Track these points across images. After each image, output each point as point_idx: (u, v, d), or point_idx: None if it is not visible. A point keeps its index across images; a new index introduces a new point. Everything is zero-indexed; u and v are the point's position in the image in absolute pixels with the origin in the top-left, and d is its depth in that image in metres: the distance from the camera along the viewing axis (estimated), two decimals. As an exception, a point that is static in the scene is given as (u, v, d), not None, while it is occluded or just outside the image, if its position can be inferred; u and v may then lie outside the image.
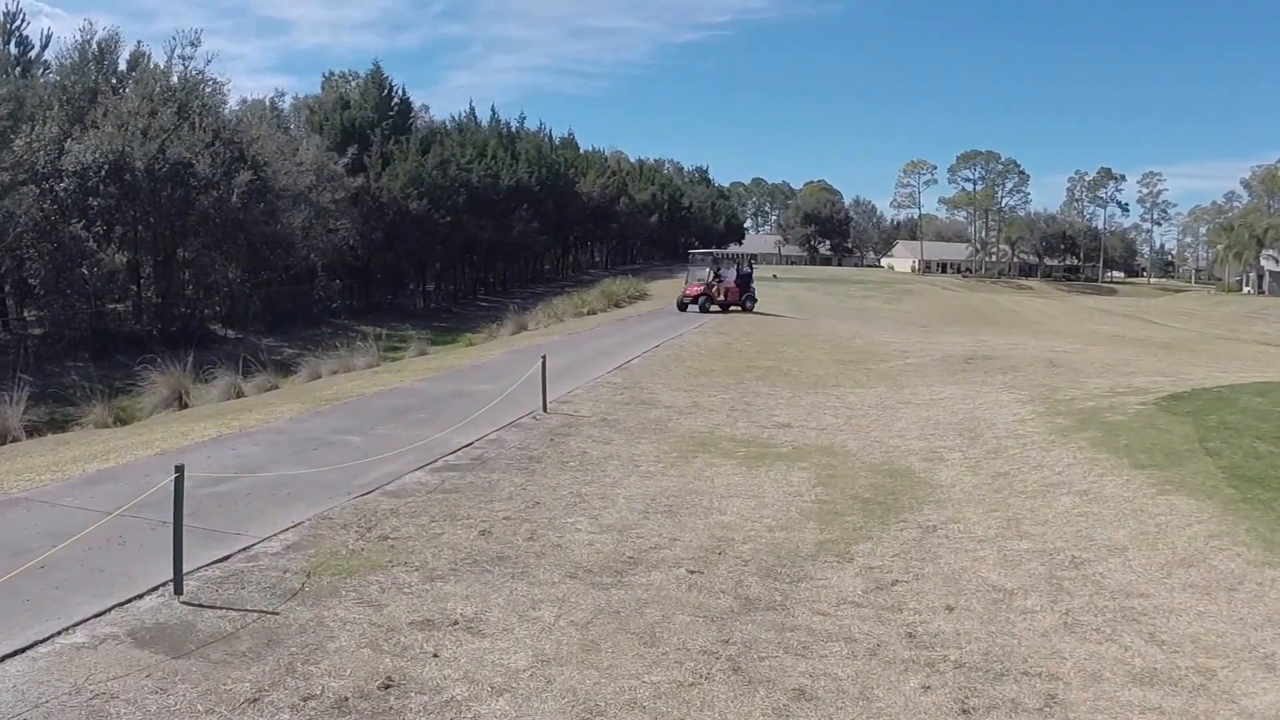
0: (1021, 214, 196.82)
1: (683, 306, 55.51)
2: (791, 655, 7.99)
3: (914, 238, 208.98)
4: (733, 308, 56.20)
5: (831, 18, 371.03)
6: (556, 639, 8.23)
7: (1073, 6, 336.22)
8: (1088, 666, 7.88)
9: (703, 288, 56.28)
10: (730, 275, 58.41)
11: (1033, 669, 7.83)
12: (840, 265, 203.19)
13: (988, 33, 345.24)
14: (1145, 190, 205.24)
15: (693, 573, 9.93)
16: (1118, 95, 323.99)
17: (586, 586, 9.49)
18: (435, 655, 7.87)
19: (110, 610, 8.68)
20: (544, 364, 20.83)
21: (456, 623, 8.55)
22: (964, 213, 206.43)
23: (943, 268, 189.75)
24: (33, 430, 23.15)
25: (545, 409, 19.97)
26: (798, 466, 15.18)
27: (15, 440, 21.39)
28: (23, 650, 7.82)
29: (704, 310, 54.30)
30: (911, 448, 16.80)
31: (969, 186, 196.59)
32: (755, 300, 59.34)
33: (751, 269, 64.78)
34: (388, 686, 7.29)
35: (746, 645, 8.17)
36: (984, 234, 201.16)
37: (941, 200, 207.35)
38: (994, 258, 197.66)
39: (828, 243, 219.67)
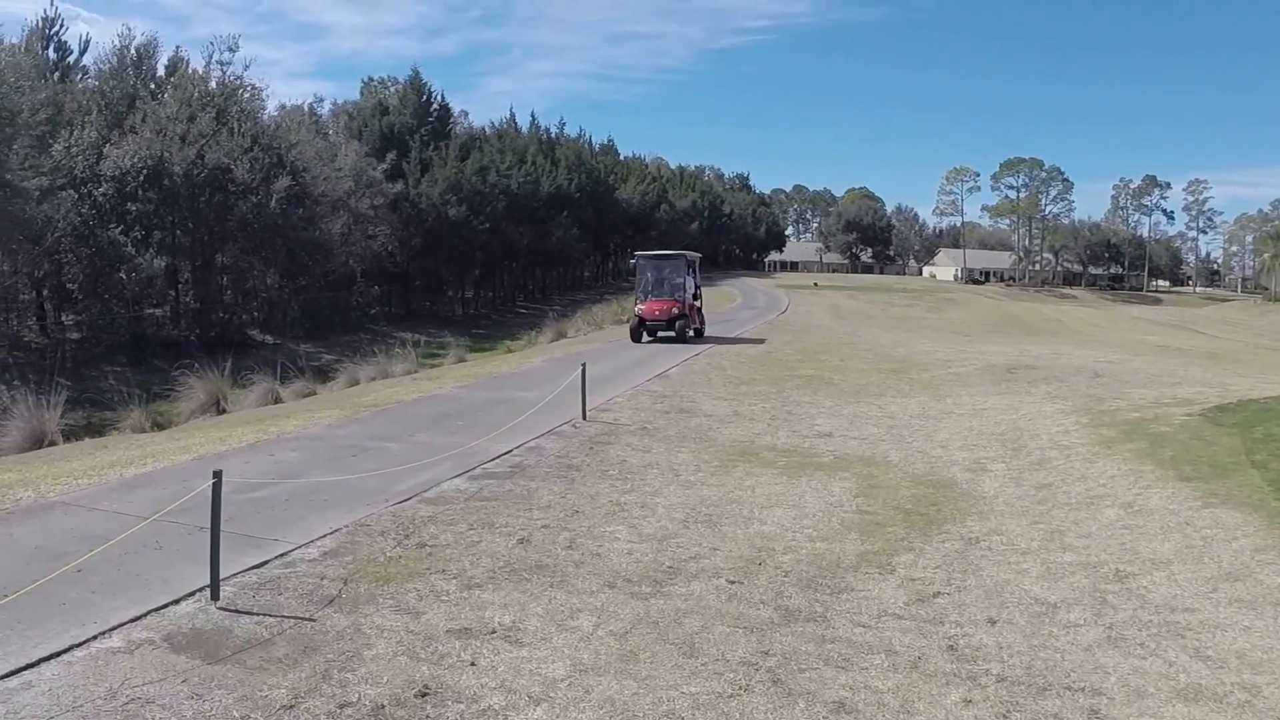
0: (1065, 222, 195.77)
1: (641, 335, 40.19)
2: (832, 667, 7.91)
3: (957, 246, 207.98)
4: (676, 332, 40.31)
5: (873, 22, 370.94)
6: (595, 648, 8.17)
7: (1117, 11, 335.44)
8: (1132, 682, 7.76)
9: (677, 305, 40.04)
10: (691, 286, 42.57)
11: (1076, 684, 7.72)
12: (882, 273, 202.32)
13: (1031, 37, 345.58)
14: (1191, 198, 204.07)
15: (733, 583, 9.85)
16: (1163, 100, 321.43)
17: (625, 596, 9.43)
18: (473, 664, 7.83)
19: (146, 615, 8.70)
20: (583, 372, 20.80)
21: (494, 631, 8.50)
22: (1007, 220, 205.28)
23: (985, 276, 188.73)
24: (70, 434, 23.22)
25: (585, 417, 19.94)
26: (839, 476, 15.09)
27: (52, 444, 21.47)
28: (59, 654, 7.84)
29: (681, 338, 39.60)
30: (954, 458, 16.69)
31: (1012, 194, 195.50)
32: (703, 322, 44.55)
33: (697, 275, 44.85)
34: (424, 694, 7.26)
35: (786, 657, 8.09)
36: (1027, 242, 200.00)
37: (984, 208, 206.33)
38: (1037, 266, 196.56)
39: (869, 250, 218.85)
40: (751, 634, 8.55)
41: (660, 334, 40.72)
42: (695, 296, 43.68)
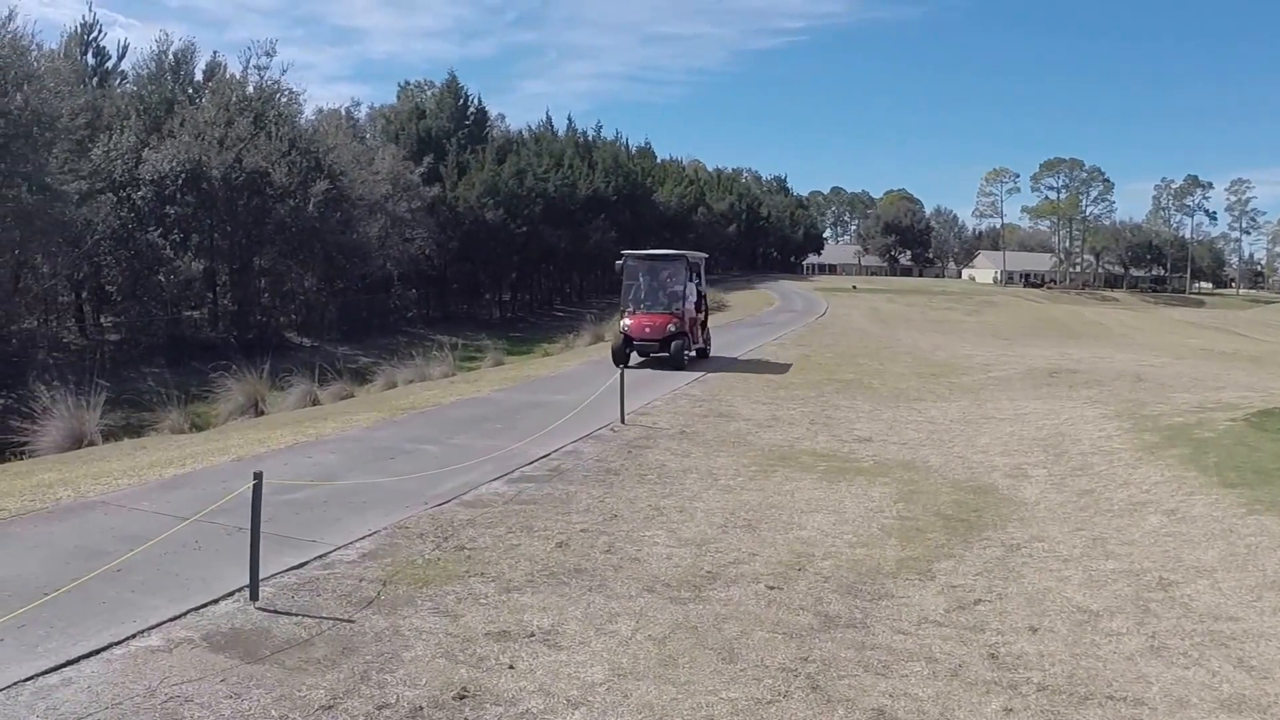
0: (1106, 223, 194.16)
1: (626, 356, 31.03)
2: (871, 674, 7.86)
3: (996, 248, 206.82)
4: (671, 355, 31.32)
5: (909, 21, 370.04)
6: (633, 653, 8.14)
7: (1157, 5, 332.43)
8: (1174, 691, 7.69)
9: (674, 320, 31.38)
10: (693, 294, 33.04)
11: (1118, 693, 7.65)
12: (921, 276, 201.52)
13: (1070, 33, 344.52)
14: (1233, 198, 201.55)
15: (772, 588, 9.81)
16: (1205, 98, 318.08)
17: (664, 601, 9.40)
18: (511, 667, 7.82)
19: (186, 614, 8.74)
20: (622, 375, 20.77)
21: (533, 634, 8.49)
22: (1047, 222, 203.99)
23: (1025, 278, 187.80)
24: (109, 434, 23.31)
25: (623, 421, 19.94)
26: (879, 482, 15.04)
27: (92, 444, 21.57)
28: (98, 651, 7.88)
29: (677, 364, 30.60)
30: (995, 464, 16.61)
31: (1052, 195, 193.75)
32: (710, 337, 35.77)
33: (702, 281, 35.46)
34: (463, 697, 7.25)
35: (826, 663, 8.04)
36: (1068, 244, 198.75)
37: (1024, 209, 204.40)
38: (1078, 268, 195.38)
39: (908, 253, 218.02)
40: (791, 640, 8.51)
41: (653, 355, 31.26)
42: (699, 307, 33.46)
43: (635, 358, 31.58)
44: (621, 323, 32.02)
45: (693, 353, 32.72)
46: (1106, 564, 10.92)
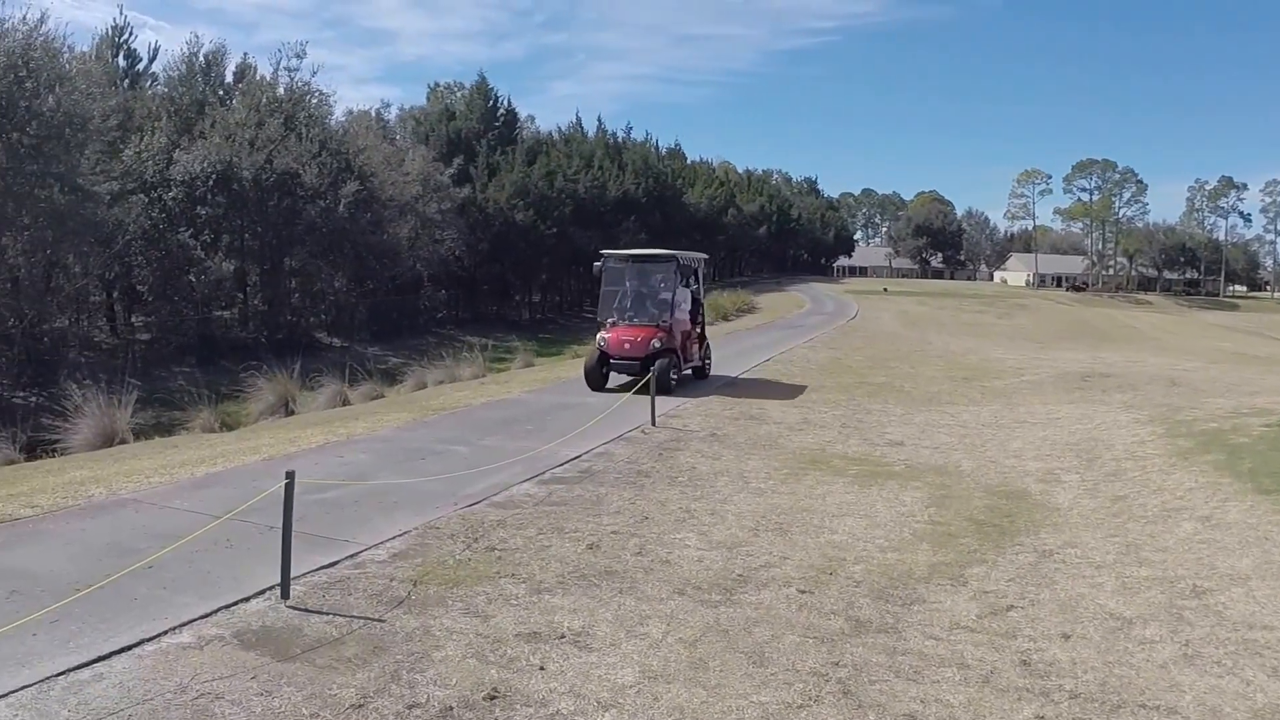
0: (1139, 225, 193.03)
1: (602, 378, 26.29)
2: (903, 680, 7.83)
3: (1028, 250, 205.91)
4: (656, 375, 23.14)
5: (941, 21, 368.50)
6: (664, 655, 8.13)
7: (1187, 6, 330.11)
8: (1208, 701, 7.62)
9: (659, 334, 26.02)
10: (685, 301, 27.85)
11: (1150, 701, 7.59)
12: (952, 278, 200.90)
13: (1103, 33, 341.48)
14: (1269, 199, 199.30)
15: (803, 592, 9.78)
16: (1239, 98, 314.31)
17: (695, 603, 9.38)
18: (542, 668, 7.82)
19: (217, 612, 8.78)
20: (653, 377, 20.76)
21: (564, 636, 8.49)
22: (1080, 224, 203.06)
23: (1058, 281, 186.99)
24: (140, 433, 23.43)
25: (654, 423, 19.92)
26: (911, 486, 14.99)
27: (123, 442, 21.67)
28: (130, 648, 7.92)
29: (662, 387, 23.19)
30: (1027, 468, 16.54)
31: (1085, 197, 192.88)
32: (710, 354, 30.48)
33: (700, 286, 30.31)
34: (493, 698, 7.25)
35: (857, 668, 8.01)
36: (1101, 246, 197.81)
37: (1056, 210, 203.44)
38: (1111, 271, 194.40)
39: (939, 255, 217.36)
40: (822, 644, 8.48)
41: (636, 377, 25.11)
42: (696, 319, 28.80)
43: (616, 378, 26.22)
44: (598, 337, 26.81)
45: (687, 371, 27.63)
46: (1140, 571, 10.84)
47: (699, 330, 29.12)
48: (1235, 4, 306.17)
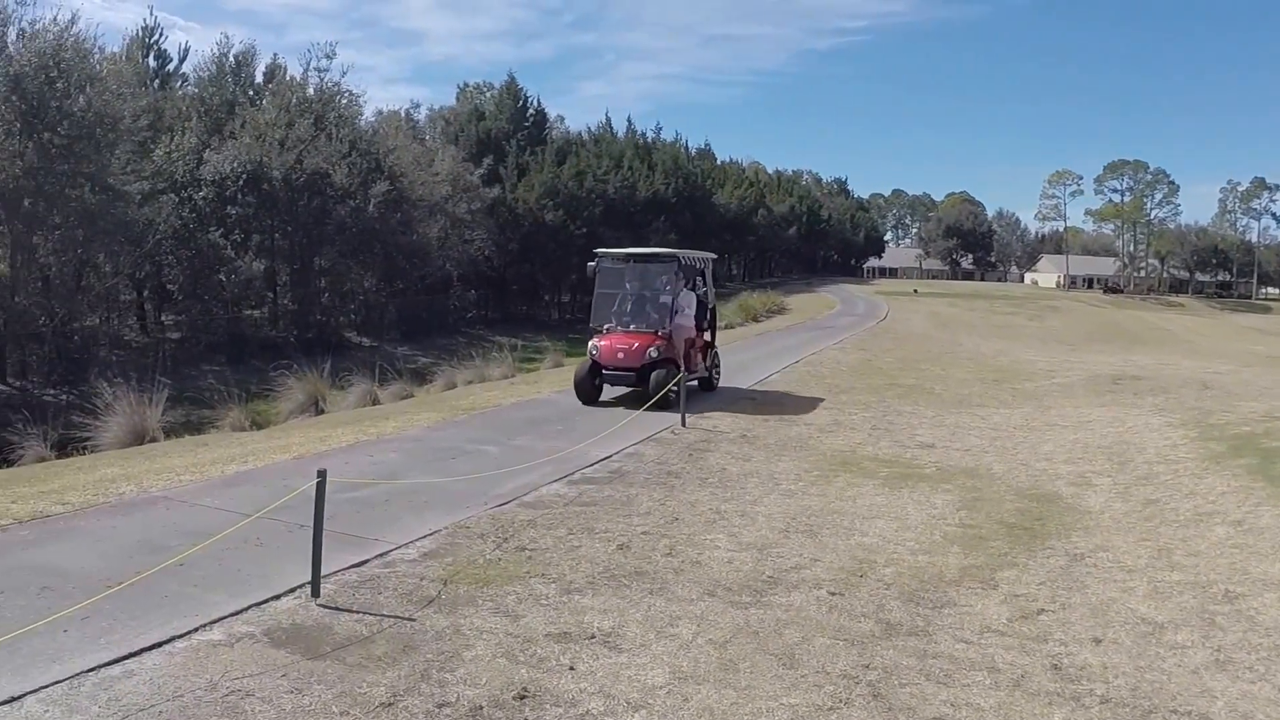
0: (1171, 226, 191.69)
1: (594, 390, 23.70)
2: (933, 683, 7.80)
3: (1059, 251, 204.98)
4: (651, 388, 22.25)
5: (972, 20, 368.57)
6: (694, 657, 8.12)
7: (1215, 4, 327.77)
8: (1240, 707, 7.57)
9: (657, 342, 23.11)
10: (690, 304, 25.07)
11: (1182, 707, 7.54)
12: (983, 280, 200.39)
13: (1135, 32, 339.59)
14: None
15: (833, 594, 9.76)
16: (1272, 96, 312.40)
17: (725, 605, 9.37)
18: (571, 668, 7.82)
19: (247, 610, 8.81)
20: (682, 378, 20.75)
21: (593, 636, 8.49)
22: (1111, 226, 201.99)
23: (1089, 283, 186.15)
24: (170, 431, 23.49)
25: (684, 424, 19.92)
26: (941, 488, 14.95)
27: (153, 440, 21.74)
28: (160, 645, 7.95)
29: (657, 400, 21.47)
30: (1058, 471, 16.46)
31: (1116, 198, 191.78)
32: (719, 363, 27.32)
33: (703, 290, 26.38)
34: (523, 697, 7.26)
35: (887, 671, 7.99)
36: (1132, 248, 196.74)
37: (1088, 212, 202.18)
38: (1143, 273, 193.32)
39: (970, 256, 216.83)
40: (852, 646, 8.46)
41: (631, 387, 23.35)
42: (704, 326, 25.77)
43: (611, 390, 24.24)
44: (591, 345, 23.71)
45: (693, 382, 24.14)
46: (1172, 575, 10.78)
47: (706, 337, 26.03)
48: (1268, 3, 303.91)
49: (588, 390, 23.45)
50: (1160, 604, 9.83)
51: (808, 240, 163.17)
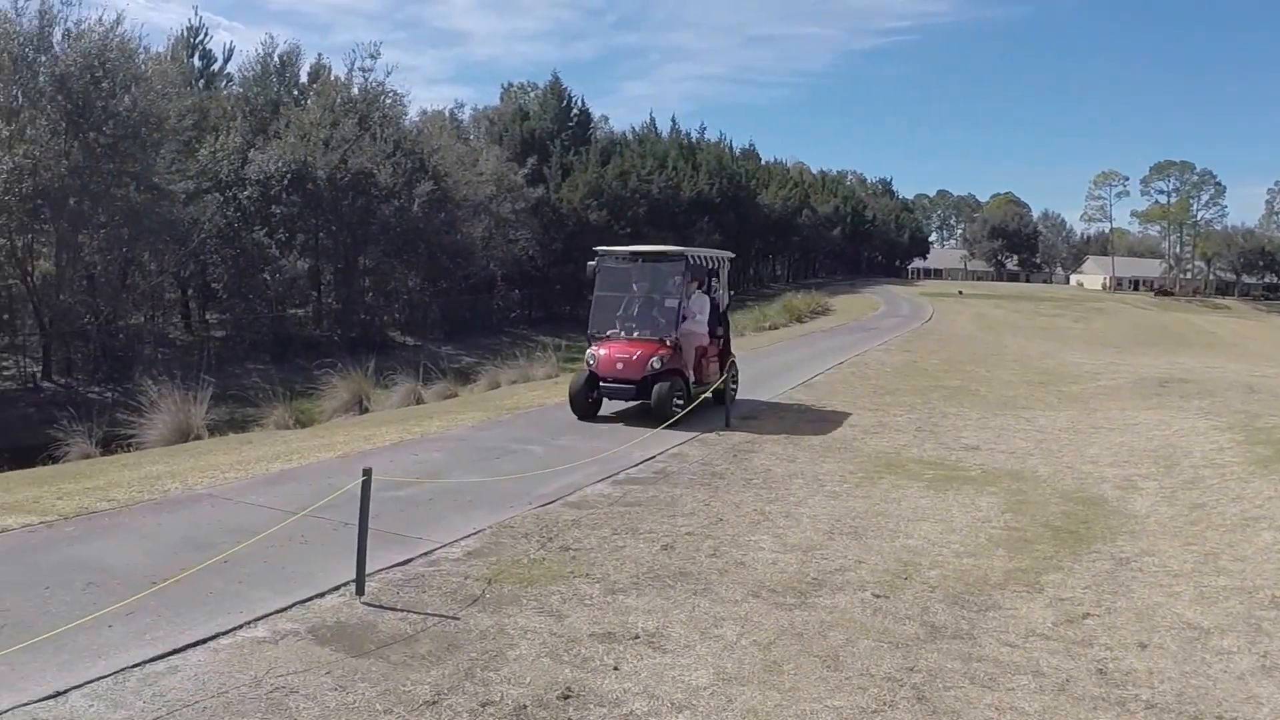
0: (1218, 228, 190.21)
1: (591, 404, 21.30)
2: (978, 686, 7.77)
3: (1104, 253, 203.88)
4: (655, 403, 20.33)
5: (1016, 20, 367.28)
6: (738, 658, 8.12)
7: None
8: (1287, 713, 7.53)
9: (661, 351, 20.55)
10: (703, 308, 22.39)
11: (1228, 713, 7.48)
12: (1028, 281, 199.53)
13: (1180, 30, 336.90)
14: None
15: (878, 597, 9.74)
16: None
17: (770, 606, 9.36)
18: (615, 668, 7.84)
19: (292, 607, 8.89)
20: (726, 379, 20.72)
21: (638, 637, 8.51)
22: (1157, 227, 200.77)
23: (1134, 285, 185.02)
24: (214, 429, 23.66)
25: (728, 424, 19.91)
26: (986, 491, 14.88)
27: (198, 438, 21.86)
28: (205, 641, 8.03)
29: (661, 415, 19.79)
30: (1104, 475, 16.34)
31: (1162, 199, 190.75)
32: (737, 373, 24.11)
33: (717, 292, 23.50)
34: (567, 697, 7.28)
35: (932, 674, 7.96)
36: (1178, 249, 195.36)
37: (1133, 213, 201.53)
38: (1189, 274, 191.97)
39: (1015, 258, 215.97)
40: (897, 649, 8.44)
41: (630, 401, 21.25)
42: (715, 331, 22.84)
43: (611, 404, 21.80)
44: (588, 354, 21.33)
45: (707, 394, 21.46)
46: (1218, 580, 10.70)
47: (721, 347, 23.12)
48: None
49: (583, 404, 21.06)
50: (1206, 609, 9.76)
51: (852, 241, 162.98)
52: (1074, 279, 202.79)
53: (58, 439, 22.29)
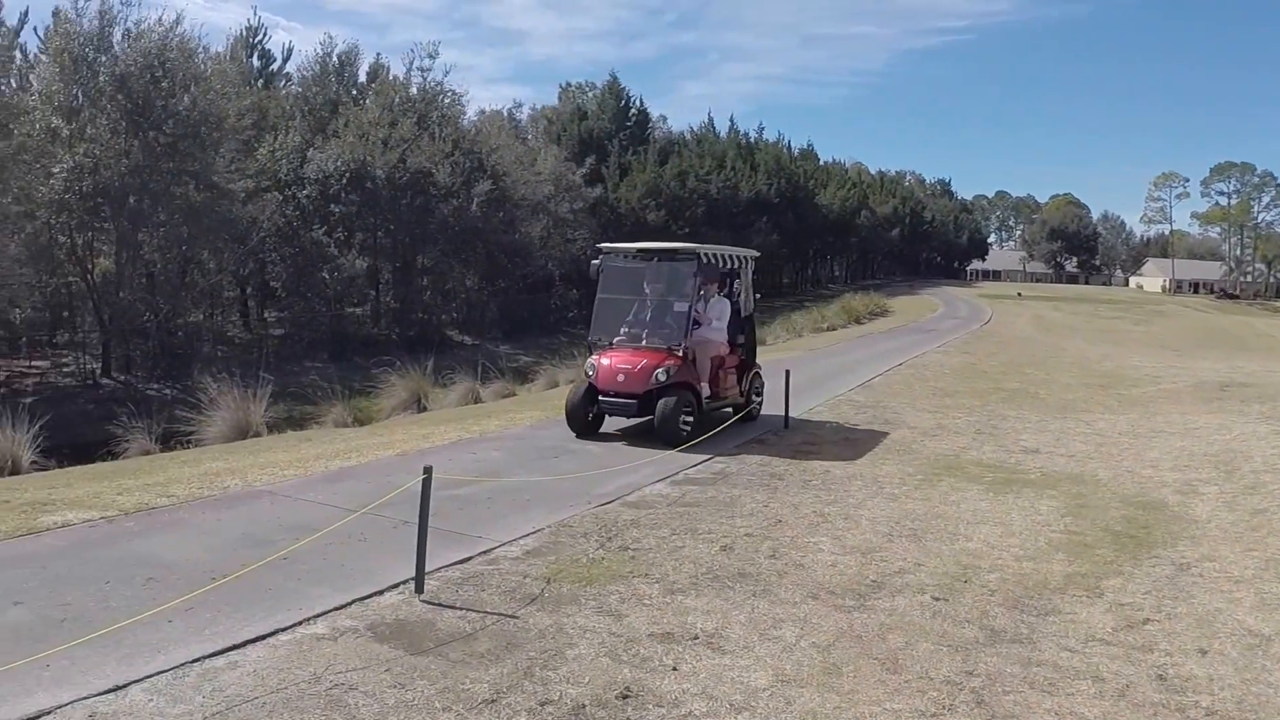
0: (1279, 230, 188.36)
1: (588, 420, 18.83)
2: (1037, 691, 7.73)
3: (1164, 255, 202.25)
4: (658, 421, 17.78)
5: (1075, 19, 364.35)
6: (797, 659, 8.12)
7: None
8: (1351, 722, 7.46)
9: (667, 361, 18.02)
10: (722, 313, 20.07)
11: (1290, 721, 7.44)
12: (1087, 283, 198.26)
13: (1241, 29, 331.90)
14: None
15: (937, 600, 9.71)
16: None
17: (829, 608, 9.35)
18: (674, 669, 7.85)
19: (351, 604, 8.95)
20: (787, 379, 20.66)
21: (696, 637, 8.52)
22: (1217, 229, 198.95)
23: (1194, 287, 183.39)
24: (273, 426, 23.78)
25: (787, 425, 19.90)
26: (1046, 494, 14.78)
27: (257, 435, 22.01)
28: (264, 637, 8.10)
29: (669, 437, 17.47)
30: (1165, 479, 16.21)
31: (1223, 200, 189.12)
32: (761, 386, 21.55)
33: (741, 301, 21.09)
34: (625, 697, 7.29)
35: (991, 678, 7.93)
36: (1239, 252, 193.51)
37: (1193, 215, 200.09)
38: (1249, 277, 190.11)
39: (1074, 260, 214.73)
40: (956, 653, 8.41)
41: (632, 418, 18.77)
42: (735, 339, 20.58)
43: (614, 421, 19.50)
44: (587, 363, 19.17)
45: (726, 409, 20.43)
46: (1279, 586, 10.63)
47: (741, 357, 20.80)
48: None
49: (581, 420, 18.74)
50: (1267, 615, 9.67)
51: (910, 242, 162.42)
52: (1133, 281, 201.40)
53: (117, 435, 22.50)
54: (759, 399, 21.27)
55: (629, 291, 19.65)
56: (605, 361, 18.38)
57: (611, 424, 19.08)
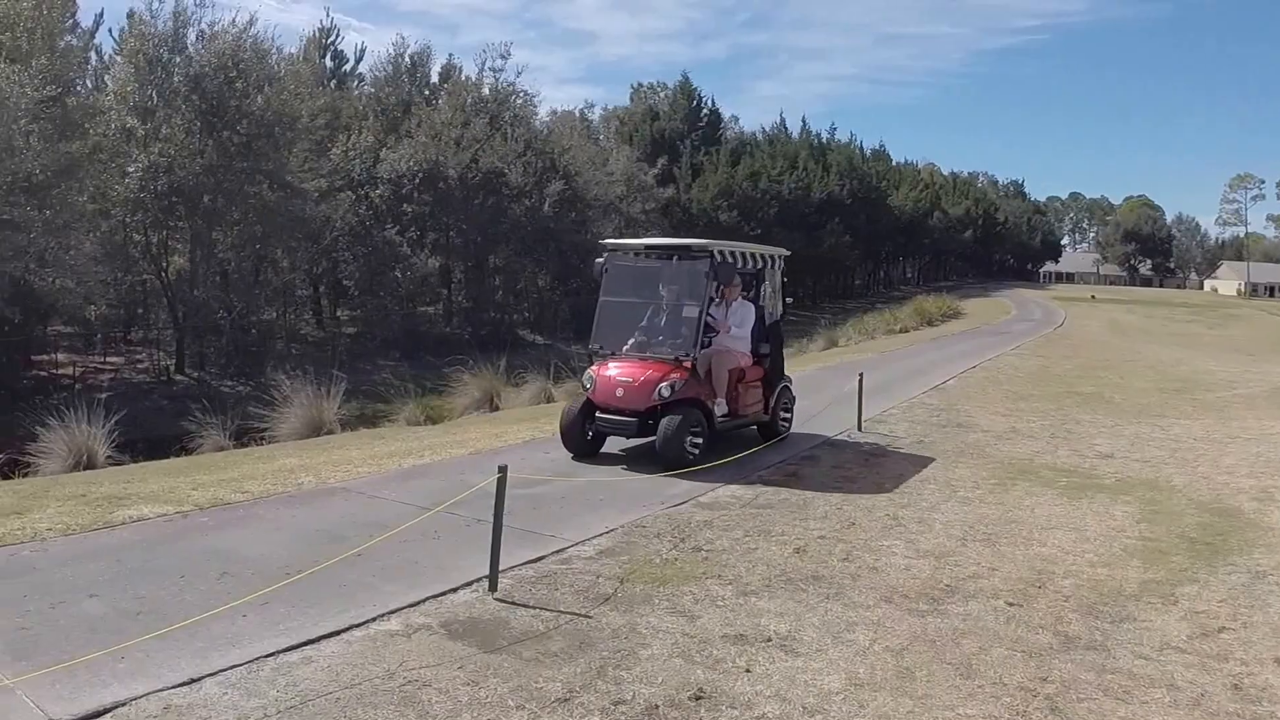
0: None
1: (588, 439, 16.38)
2: (1111, 699, 7.68)
3: (1240, 258, 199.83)
4: (661, 442, 15.33)
5: (1150, 19, 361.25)
6: (870, 663, 8.11)
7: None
8: None
9: (674, 374, 15.67)
10: (745, 319, 17.82)
11: (1368, 732, 7.36)
12: (1161, 286, 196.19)
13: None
14: None
15: (1011, 605, 9.66)
16: None
17: (902, 612, 9.33)
18: (747, 670, 7.85)
19: (424, 601, 9.02)
20: (860, 381, 20.63)
21: (770, 639, 8.52)
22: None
23: (1270, 291, 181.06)
24: (346, 424, 23.94)
25: (860, 428, 19.87)
26: (1121, 500, 14.65)
27: (330, 432, 22.14)
28: (338, 633, 8.20)
29: (672, 459, 15.11)
30: (1240, 485, 16.01)
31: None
32: (790, 403, 19.33)
33: (767, 306, 19.08)
34: (699, 698, 7.29)
35: (1065, 685, 7.88)
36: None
37: (1270, 218, 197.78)
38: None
39: (1148, 262, 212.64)
40: (1030, 659, 8.37)
41: (631, 438, 16.37)
42: (759, 347, 18.14)
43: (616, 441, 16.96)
44: (586, 375, 17.22)
45: (750, 425, 18.07)
46: (1358, 596, 10.51)
47: (764, 371, 18.31)
48: None
49: (577, 439, 16.44)
50: (1347, 625, 9.58)
51: (983, 244, 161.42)
52: (1208, 284, 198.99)
53: (191, 431, 22.70)
54: (787, 417, 19.06)
55: (637, 294, 17.75)
56: (604, 374, 16.44)
57: (614, 443, 16.95)
